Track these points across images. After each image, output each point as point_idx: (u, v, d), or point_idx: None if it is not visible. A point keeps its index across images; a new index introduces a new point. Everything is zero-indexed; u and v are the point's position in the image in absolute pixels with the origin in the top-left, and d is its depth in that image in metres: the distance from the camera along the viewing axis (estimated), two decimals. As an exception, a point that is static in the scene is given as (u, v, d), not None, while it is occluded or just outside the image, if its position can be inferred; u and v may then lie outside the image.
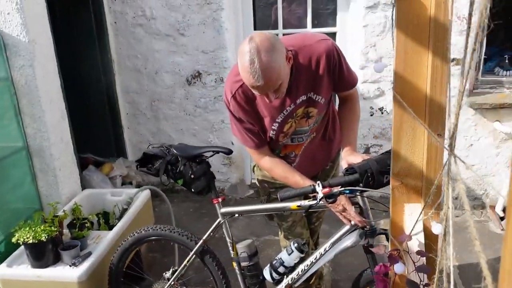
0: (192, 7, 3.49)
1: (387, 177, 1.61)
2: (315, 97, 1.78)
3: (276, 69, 1.50)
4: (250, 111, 1.79)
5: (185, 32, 3.56)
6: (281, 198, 1.66)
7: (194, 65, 3.65)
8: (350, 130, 1.90)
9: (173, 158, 2.00)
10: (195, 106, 3.75)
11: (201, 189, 2.00)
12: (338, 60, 1.74)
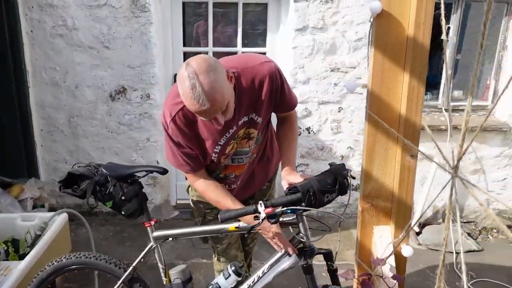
0: (119, 20, 3.36)
1: (327, 196, 1.64)
2: (256, 119, 1.78)
3: (219, 89, 1.46)
4: (190, 135, 1.73)
5: (110, 45, 3.42)
6: (222, 219, 1.62)
7: (118, 80, 3.50)
8: (289, 149, 1.92)
9: (102, 178, 1.87)
10: (119, 123, 3.58)
11: (133, 211, 1.90)
12: (281, 83, 1.76)
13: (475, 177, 3.82)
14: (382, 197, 1.30)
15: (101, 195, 1.87)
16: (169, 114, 1.69)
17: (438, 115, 3.77)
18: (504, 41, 3.67)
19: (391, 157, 1.23)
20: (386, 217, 1.31)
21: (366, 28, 3.45)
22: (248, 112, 1.75)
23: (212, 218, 2.08)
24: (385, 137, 1.18)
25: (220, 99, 1.47)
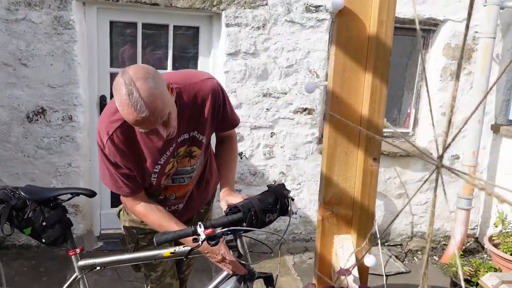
0: (39, 36, 3.17)
1: (269, 216, 1.62)
2: (199, 137, 1.74)
3: (159, 95, 1.39)
4: (129, 154, 1.62)
5: (28, 63, 3.20)
6: (158, 242, 1.52)
7: (37, 100, 3.27)
8: (229, 170, 1.88)
9: (19, 202, 1.69)
10: (36, 146, 3.33)
11: (55, 239, 1.74)
12: (223, 100, 1.74)
13: (399, 201, 4.02)
14: (343, 204, 1.27)
15: (18, 221, 1.69)
16: (106, 133, 1.58)
17: (365, 141, 3.95)
18: (421, 73, 3.97)
19: (352, 162, 1.21)
20: (347, 225, 1.28)
21: (297, 55, 3.57)
22: (189, 129, 1.70)
23: (146, 243, 1.96)
24: (346, 141, 1.17)
25: (160, 106, 1.39)
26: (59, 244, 1.75)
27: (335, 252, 1.29)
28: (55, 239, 1.73)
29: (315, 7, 3.52)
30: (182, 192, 1.85)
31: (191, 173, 1.81)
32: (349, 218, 1.27)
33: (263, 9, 3.46)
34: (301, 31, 3.55)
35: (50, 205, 1.72)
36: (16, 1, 3.10)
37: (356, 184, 1.23)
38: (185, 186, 1.84)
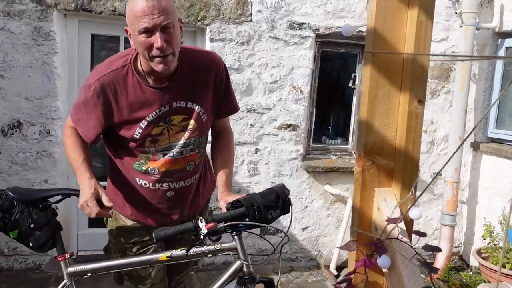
0: (17, 47, 3.13)
1: (271, 212, 1.62)
2: (198, 109, 1.74)
3: (170, 3, 1.53)
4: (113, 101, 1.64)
5: (5, 74, 3.14)
6: (157, 237, 1.50)
7: (13, 113, 3.19)
8: (225, 170, 1.87)
9: (6, 203, 1.63)
10: (11, 162, 3.23)
11: (43, 242, 1.67)
12: (226, 78, 1.79)
13: (384, 218, 4.07)
14: (384, 153, 1.21)
15: (3, 223, 1.63)
16: (99, 73, 1.64)
17: (349, 158, 4.02)
18: (402, 90, 4.11)
19: (394, 106, 1.18)
20: (389, 177, 1.23)
21: (281, 71, 3.65)
22: (186, 99, 1.71)
23: (133, 254, 1.85)
24: (388, 83, 1.15)
25: (169, 7, 1.52)
26: (47, 248, 1.69)
27: (376, 206, 1.24)
28: (43, 243, 1.67)
29: (299, 25, 3.63)
30: (168, 168, 1.77)
31: (182, 148, 1.75)
32: (391, 169, 1.22)
33: (248, 25, 3.54)
34: (285, 47, 3.64)
35: (38, 206, 1.67)
36: (-5, 10, 3.07)
37: (399, 131, 1.20)
38: (173, 162, 1.76)
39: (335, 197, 3.91)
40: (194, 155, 1.81)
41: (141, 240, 1.88)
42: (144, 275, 1.89)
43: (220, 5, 3.45)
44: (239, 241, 1.68)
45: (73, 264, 1.72)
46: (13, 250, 3.34)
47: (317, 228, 3.94)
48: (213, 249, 1.68)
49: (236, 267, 1.68)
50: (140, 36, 1.52)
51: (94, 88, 1.61)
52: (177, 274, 2.10)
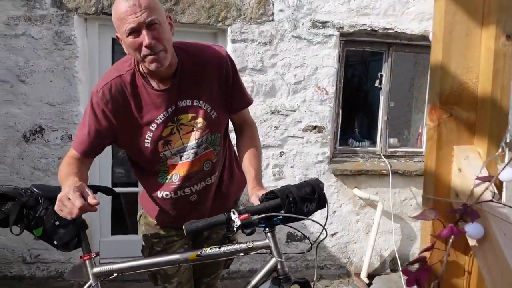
0: (39, 52, 3.15)
1: (307, 205, 1.54)
2: (205, 107, 1.69)
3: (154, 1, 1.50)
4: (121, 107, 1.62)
5: (26, 79, 3.16)
6: (188, 230, 1.44)
7: (35, 118, 3.20)
8: (253, 165, 1.81)
9: (31, 199, 1.59)
10: (33, 168, 3.23)
11: (68, 241, 1.62)
12: (233, 72, 1.72)
13: (417, 223, 3.93)
14: (464, 103, 1.02)
15: (28, 220, 1.59)
16: (106, 79, 1.62)
17: (377, 161, 3.92)
18: (432, 89, 4.01)
19: (474, 46, 0.99)
20: (470, 131, 1.03)
21: (305, 71, 3.59)
22: (192, 97, 1.67)
23: (160, 249, 1.88)
24: (466, 17, 0.98)
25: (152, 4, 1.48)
26: (72, 247, 1.63)
27: (457, 167, 1.06)
28: (68, 241, 1.61)
29: (322, 23, 3.58)
30: (186, 171, 1.73)
31: (195, 148, 1.72)
32: (472, 122, 1.04)
33: (270, 25, 3.50)
34: (308, 47, 3.58)
35: (63, 203, 1.62)
36: (16, 16, 3.10)
37: (481, 76, 1.02)
38: (190, 164, 1.73)
39: (364, 201, 3.80)
40: (209, 154, 1.77)
41: (166, 235, 1.88)
42: (170, 273, 1.87)
43: (241, 5, 3.43)
44: (273, 238, 1.60)
45: (98, 264, 1.66)
46: (36, 257, 3.33)
47: (346, 234, 3.83)
48: (245, 247, 1.61)
49: (270, 266, 1.61)
50: (128, 38, 1.49)
51: (103, 93, 1.61)
52: (207, 276, 2.04)
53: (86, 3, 3.18)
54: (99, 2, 3.19)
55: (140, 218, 1.97)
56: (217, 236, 1.95)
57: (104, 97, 1.61)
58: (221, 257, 1.65)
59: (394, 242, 3.82)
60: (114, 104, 1.61)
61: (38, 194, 1.60)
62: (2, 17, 3.08)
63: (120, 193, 3.88)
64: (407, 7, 3.68)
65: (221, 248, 1.61)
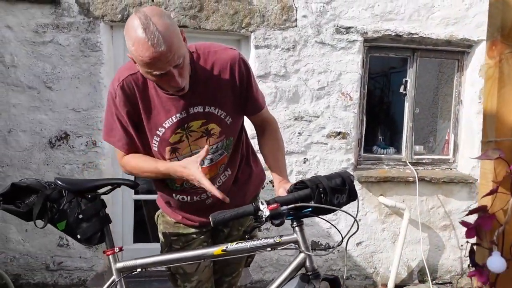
0: (66, 58, 3.18)
1: (337, 197, 1.48)
2: (218, 112, 1.63)
3: (176, 32, 1.39)
4: (136, 105, 1.59)
5: (53, 86, 3.19)
6: (215, 221, 1.38)
7: (61, 124, 3.22)
8: (277, 161, 1.77)
9: (54, 192, 1.57)
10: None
11: (91, 235, 1.60)
12: (247, 74, 1.64)
13: (445, 233, 3.79)
14: None
15: (51, 213, 1.56)
16: (118, 79, 1.58)
17: (403, 168, 3.81)
18: (458, 96, 3.90)
19: None
20: None
21: (328, 77, 3.54)
22: (204, 103, 1.60)
23: (179, 247, 1.84)
24: None
25: (177, 43, 1.37)
26: (96, 241, 1.60)
27: None
28: (91, 235, 1.59)
29: (346, 29, 3.53)
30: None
31: (210, 154, 1.68)
32: None
33: (293, 31, 3.47)
34: (332, 52, 3.54)
35: (87, 197, 1.60)
36: (44, 23, 3.14)
37: None
38: (206, 171, 1.67)
39: (390, 209, 3.68)
40: (224, 158, 1.74)
41: (185, 233, 1.84)
42: (190, 272, 1.83)
43: (264, 12, 3.41)
44: (301, 232, 1.54)
45: (122, 260, 1.62)
46: (58, 265, 3.31)
47: (372, 243, 3.71)
48: (272, 242, 1.55)
49: (299, 261, 1.54)
50: (152, 76, 1.43)
51: (118, 95, 1.59)
52: (228, 275, 1.98)
53: (112, 11, 3.21)
54: (125, 10, 3.21)
55: (158, 218, 1.94)
56: (238, 234, 1.90)
57: (121, 99, 1.58)
58: (247, 252, 1.60)
59: (422, 252, 3.68)
60: (129, 103, 1.59)
61: (62, 187, 1.57)
62: (31, 25, 3.13)
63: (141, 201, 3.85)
64: (432, 11, 3.61)
65: (247, 242, 1.55)
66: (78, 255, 3.31)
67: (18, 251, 3.27)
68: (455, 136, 3.94)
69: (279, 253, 3.61)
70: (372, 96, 3.86)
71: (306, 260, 1.54)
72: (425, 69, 3.96)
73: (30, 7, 3.13)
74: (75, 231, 1.58)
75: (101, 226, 1.59)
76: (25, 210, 1.53)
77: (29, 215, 1.54)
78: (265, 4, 3.41)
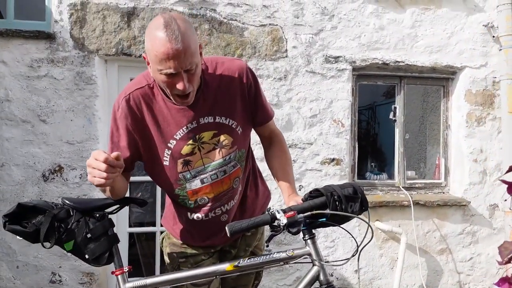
0: (60, 92, 3.19)
1: (351, 205, 1.48)
2: (229, 122, 1.64)
3: (194, 39, 1.44)
4: (142, 120, 1.58)
5: (47, 119, 3.17)
6: (232, 230, 1.37)
7: (54, 157, 3.18)
8: (285, 174, 1.78)
9: (62, 212, 1.54)
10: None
11: (100, 254, 1.55)
12: (254, 83, 1.68)
13: (442, 257, 3.79)
14: None
15: (59, 233, 1.52)
16: (124, 92, 1.59)
17: (397, 193, 3.83)
18: (446, 121, 4.00)
19: None
20: None
21: (320, 105, 3.60)
22: (214, 113, 1.62)
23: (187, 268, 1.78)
24: None
25: (193, 49, 1.41)
26: (104, 261, 1.55)
27: None
28: (100, 255, 1.54)
29: (334, 58, 3.63)
30: (216, 192, 1.68)
31: (223, 166, 1.66)
32: None
33: (284, 61, 3.56)
34: (322, 81, 3.62)
35: (95, 216, 1.56)
36: (39, 58, 3.17)
37: None
38: (219, 184, 1.67)
39: (386, 234, 3.68)
40: (238, 171, 1.72)
41: (193, 254, 1.81)
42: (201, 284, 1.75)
43: (255, 43, 3.50)
44: (313, 245, 1.54)
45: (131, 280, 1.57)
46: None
47: (370, 269, 3.68)
48: (285, 256, 1.54)
49: (313, 274, 1.53)
50: (161, 75, 1.45)
51: (122, 107, 1.58)
52: None
53: (107, 45, 3.26)
54: (119, 44, 3.26)
55: (163, 240, 1.90)
56: (245, 255, 1.87)
57: (123, 111, 1.58)
58: (259, 267, 1.58)
59: (421, 277, 3.66)
60: (133, 117, 1.58)
61: (69, 206, 1.54)
62: (26, 60, 3.15)
63: (135, 234, 3.76)
64: (416, 40, 3.76)
65: (259, 257, 1.53)
66: (72, 292, 3.20)
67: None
68: (446, 160, 4.00)
69: (277, 283, 3.55)
70: (361, 126, 3.92)
71: (320, 273, 1.52)
72: (411, 98, 4.06)
73: (25, 43, 3.15)
74: (83, 251, 1.53)
75: (109, 246, 1.55)
76: (32, 230, 1.49)
77: (35, 236, 1.50)
78: (256, 36, 3.51)
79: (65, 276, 3.19)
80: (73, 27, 3.21)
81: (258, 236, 1.93)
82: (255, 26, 3.51)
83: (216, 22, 3.44)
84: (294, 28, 3.57)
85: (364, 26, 3.68)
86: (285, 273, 3.54)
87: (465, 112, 3.87)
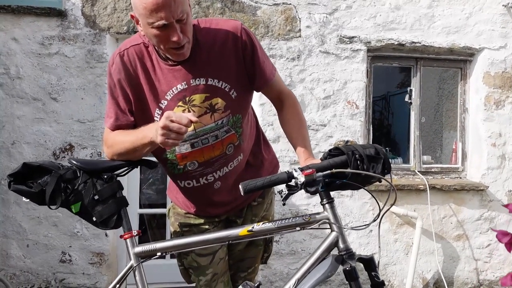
0: (71, 70, 3.14)
1: (373, 166, 1.39)
2: (222, 85, 1.55)
3: None
4: (137, 76, 1.53)
5: (58, 97, 3.13)
6: (245, 189, 1.29)
7: (65, 136, 3.14)
8: (300, 137, 1.68)
9: (68, 172, 1.47)
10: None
11: (107, 217, 1.49)
12: (251, 44, 1.57)
13: (459, 243, 3.67)
14: None
15: (65, 194, 1.45)
16: (119, 49, 1.54)
17: (412, 177, 3.73)
18: (463, 104, 3.88)
19: None
20: None
21: (334, 86, 3.51)
22: (206, 75, 1.53)
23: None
24: None
25: None
26: (112, 225, 1.49)
27: None
28: (108, 218, 1.48)
29: (349, 38, 3.53)
30: (208, 157, 1.60)
31: (215, 131, 1.58)
32: None
33: (297, 41, 3.47)
34: (336, 61, 3.52)
35: (103, 177, 1.50)
36: (50, 35, 3.12)
37: None
38: (210, 149, 1.59)
39: (401, 219, 3.57)
40: (232, 136, 1.63)
41: (197, 224, 1.75)
42: (204, 264, 1.72)
43: (268, 22, 3.42)
44: (331, 210, 1.45)
45: (140, 244, 1.50)
46: (60, 282, 3.15)
47: (384, 255, 3.58)
48: (302, 221, 1.46)
49: (331, 240, 1.44)
50: (153, 29, 1.38)
51: (116, 62, 1.54)
52: (244, 271, 1.87)
53: (118, 23, 3.20)
54: (131, 22, 3.20)
55: (169, 211, 1.85)
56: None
57: (117, 66, 1.53)
58: (274, 232, 1.50)
59: (437, 263, 3.55)
60: (126, 73, 1.53)
61: (77, 166, 1.48)
62: (37, 37, 3.11)
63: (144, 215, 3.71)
64: (433, 21, 3.64)
65: (275, 222, 1.46)
66: (81, 271, 3.15)
67: (19, 268, 3.11)
68: (463, 144, 3.88)
69: (289, 267, 3.47)
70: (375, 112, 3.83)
71: (338, 239, 1.44)
72: (427, 85, 3.94)
73: (36, 20, 3.11)
74: (91, 213, 1.47)
75: (117, 208, 1.49)
76: (37, 190, 1.43)
77: (41, 197, 1.44)
78: (268, 15, 3.42)
79: (75, 255, 3.15)
80: (85, 4, 3.16)
81: (265, 206, 1.84)
82: (268, 5, 3.42)
83: (229, 1, 3.36)
84: (308, 7, 3.47)
85: (379, 5, 3.57)
86: (297, 256, 3.46)
87: (483, 95, 3.74)
